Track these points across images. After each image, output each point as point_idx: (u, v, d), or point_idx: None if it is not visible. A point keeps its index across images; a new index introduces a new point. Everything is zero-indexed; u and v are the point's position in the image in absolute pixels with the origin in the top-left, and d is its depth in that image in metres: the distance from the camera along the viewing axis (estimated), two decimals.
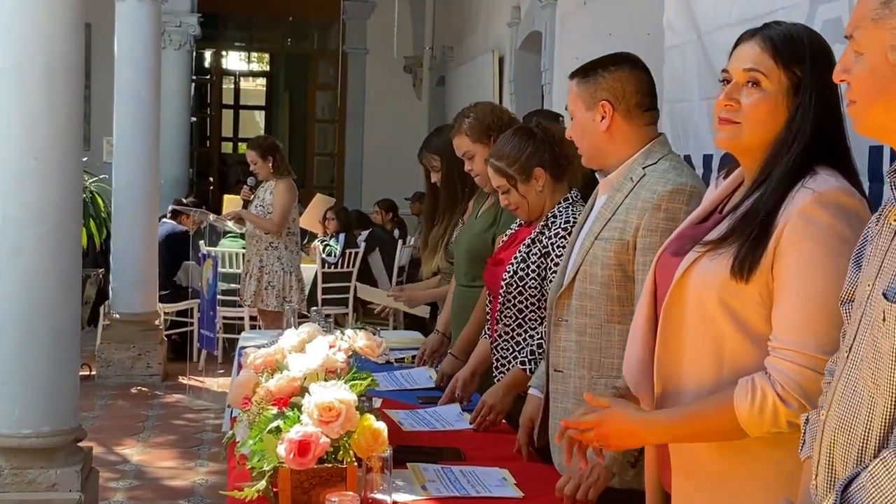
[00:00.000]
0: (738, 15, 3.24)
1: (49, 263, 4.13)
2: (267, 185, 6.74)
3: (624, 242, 2.30)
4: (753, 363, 1.77)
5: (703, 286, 1.82)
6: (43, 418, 4.14)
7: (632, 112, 2.37)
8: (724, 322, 1.80)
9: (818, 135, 1.79)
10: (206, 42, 13.56)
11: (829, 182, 1.76)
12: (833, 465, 1.42)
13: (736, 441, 1.78)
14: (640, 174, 2.33)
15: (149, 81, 7.27)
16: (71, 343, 4.28)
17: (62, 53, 4.12)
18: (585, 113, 2.39)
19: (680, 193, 2.26)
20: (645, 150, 2.37)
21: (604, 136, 2.37)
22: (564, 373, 2.42)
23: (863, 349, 1.39)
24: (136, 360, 7.28)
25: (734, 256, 1.77)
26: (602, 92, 2.36)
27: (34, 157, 4.07)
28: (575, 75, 2.44)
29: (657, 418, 1.85)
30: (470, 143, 3.34)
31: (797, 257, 1.74)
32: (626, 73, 2.38)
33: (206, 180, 14.33)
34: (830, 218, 1.73)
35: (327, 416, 2.03)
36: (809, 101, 1.80)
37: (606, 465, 2.20)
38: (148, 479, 5.19)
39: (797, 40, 1.83)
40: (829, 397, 1.47)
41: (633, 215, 2.30)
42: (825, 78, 1.70)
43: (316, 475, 2.06)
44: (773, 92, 1.82)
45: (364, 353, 2.42)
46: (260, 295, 6.68)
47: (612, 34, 5.63)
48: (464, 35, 10.50)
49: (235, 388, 2.26)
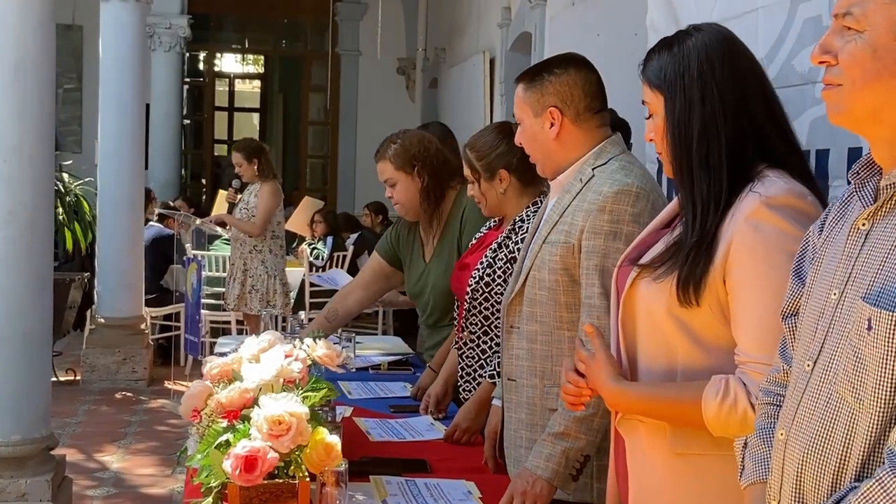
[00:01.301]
0: (720, 14, 3.17)
1: (19, 267, 4.05)
2: (252, 187, 6.69)
3: (569, 246, 2.21)
4: (707, 371, 1.71)
5: (651, 301, 1.76)
6: (12, 426, 4.06)
7: (581, 116, 2.28)
8: (675, 335, 1.74)
9: (745, 129, 1.72)
10: (199, 44, 13.50)
11: (777, 184, 1.68)
12: (802, 489, 1.32)
13: (689, 458, 1.72)
14: (590, 175, 2.25)
15: (134, 84, 7.18)
16: (42, 348, 4.20)
17: (32, 53, 4.04)
18: (534, 120, 2.29)
19: (625, 194, 2.16)
20: (596, 150, 2.29)
21: (554, 143, 2.29)
22: (517, 382, 2.33)
23: (836, 362, 1.29)
24: (121, 365, 7.19)
25: (676, 284, 1.70)
26: (549, 97, 2.27)
27: (3, 159, 3.99)
28: (521, 80, 2.34)
29: (628, 391, 1.77)
30: (392, 171, 3.26)
31: (751, 267, 1.66)
32: (573, 76, 2.28)
33: (200, 183, 14.26)
34: (781, 221, 1.65)
35: (277, 429, 1.94)
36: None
37: (548, 477, 2.12)
38: (125, 486, 5.10)
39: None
40: (787, 416, 1.38)
41: (578, 217, 2.21)
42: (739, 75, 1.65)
43: (266, 491, 1.97)
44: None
45: (323, 362, 2.33)
46: (244, 299, 6.62)
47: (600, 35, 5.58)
48: (456, 36, 10.44)
49: (186, 399, 2.17)
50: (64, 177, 8.06)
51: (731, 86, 1.72)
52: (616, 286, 1.88)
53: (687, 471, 1.74)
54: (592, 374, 1.80)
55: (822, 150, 2.54)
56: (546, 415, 2.23)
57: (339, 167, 13.27)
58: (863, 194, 1.34)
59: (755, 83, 1.76)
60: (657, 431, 1.77)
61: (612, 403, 1.82)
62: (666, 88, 1.75)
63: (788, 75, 2.72)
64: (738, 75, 1.74)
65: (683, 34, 1.79)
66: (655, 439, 1.77)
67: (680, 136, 1.74)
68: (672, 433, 1.75)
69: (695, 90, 1.73)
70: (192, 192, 13.03)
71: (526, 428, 2.32)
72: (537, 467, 2.15)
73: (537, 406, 2.29)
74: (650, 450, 1.79)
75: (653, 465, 1.78)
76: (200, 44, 13.73)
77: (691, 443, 1.73)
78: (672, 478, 1.76)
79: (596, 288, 2.16)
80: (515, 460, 2.35)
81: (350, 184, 13.01)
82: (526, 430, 2.32)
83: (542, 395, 2.27)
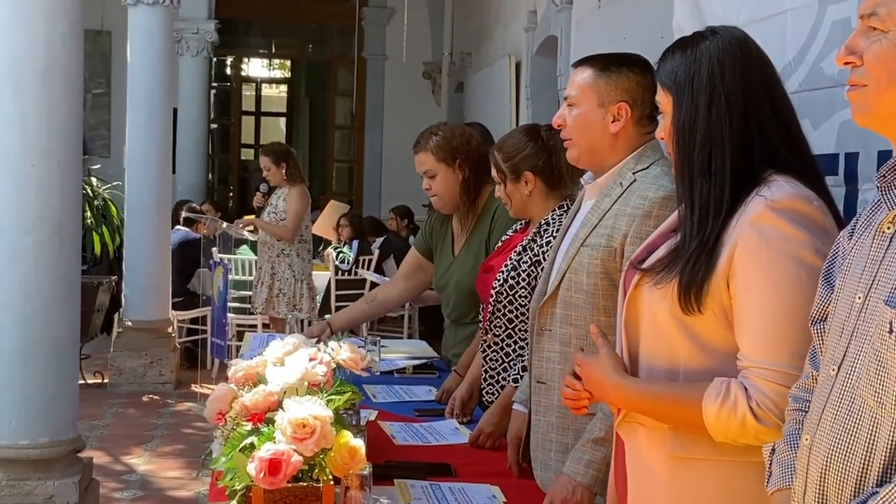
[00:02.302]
0: (747, 16, 3.14)
1: (47, 271, 4.08)
2: (280, 191, 6.70)
3: (611, 250, 2.19)
4: (708, 374, 1.69)
5: (653, 305, 1.75)
6: (40, 428, 4.08)
7: (643, 120, 2.26)
8: (677, 338, 1.73)
9: (751, 136, 1.70)
10: (226, 48, 13.57)
11: (783, 189, 1.66)
12: (826, 494, 1.31)
13: (688, 462, 1.72)
14: (631, 179, 2.22)
15: (162, 88, 7.23)
16: (70, 352, 4.23)
17: (61, 58, 4.07)
18: (596, 108, 2.25)
19: (671, 200, 2.14)
20: (636, 153, 2.26)
21: (608, 138, 2.24)
22: (548, 385, 2.32)
23: (859, 366, 1.28)
24: (148, 368, 7.24)
25: (677, 291, 1.68)
26: (622, 92, 2.24)
27: (32, 163, 4.02)
28: (590, 65, 2.28)
29: (629, 387, 1.76)
30: (434, 162, 3.24)
31: (755, 271, 1.64)
32: (649, 81, 2.25)
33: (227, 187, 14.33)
34: (785, 224, 1.63)
35: (301, 433, 1.94)
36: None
37: (588, 484, 2.11)
38: (152, 489, 5.13)
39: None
40: (812, 422, 1.36)
41: (621, 222, 2.19)
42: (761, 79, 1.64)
43: (290, 494, 1.97)
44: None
45: (347, 365, 2.33)
46: (271, 302, 6.64)
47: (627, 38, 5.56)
48: (482, 40, 10.43)
49: (211, 402, 2.17)
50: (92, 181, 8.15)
51: (740, 92, 1.71)
52: (623, 288, 1.87)
53: (685, 475, 1.73)
54: (593, 374, 1.80)
55: (851, 154, 2.51)
56: (577, 418, 2.21)
57: (364, 171, 13.29)
58: (888, 197, 1.32)
59: (765, 90, 1.74)
60: (656, 434, 1.75)
61: (614, 398, 1.81)
62: (675, 90, 1.75)
63: (817, 78, 2.69)
64: (748, 81, 1.72)
65: (699, 36, 1.78)
66: (655, 442, 1.76)
67: (683, 139, 1.73)
68: (672, 437, 1.73)
69: (702, 95, 1.71)
70: (218, 196, 13.09)
71: (556, 431, 2.32)
72: (577, 473, 2.12)
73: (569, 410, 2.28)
74: (649, 453, 1.77)
75: (651, 469, 1.77)
76: (227, 48, 13.79)
77: (690, 447, 1.71)
78: (670, 481, 1.74)
79: None
80: (543, 463, 2.34)
81: (376, 188, 13.03)
82: (556, 434, 2.32)
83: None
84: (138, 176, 7.21)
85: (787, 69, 2.64)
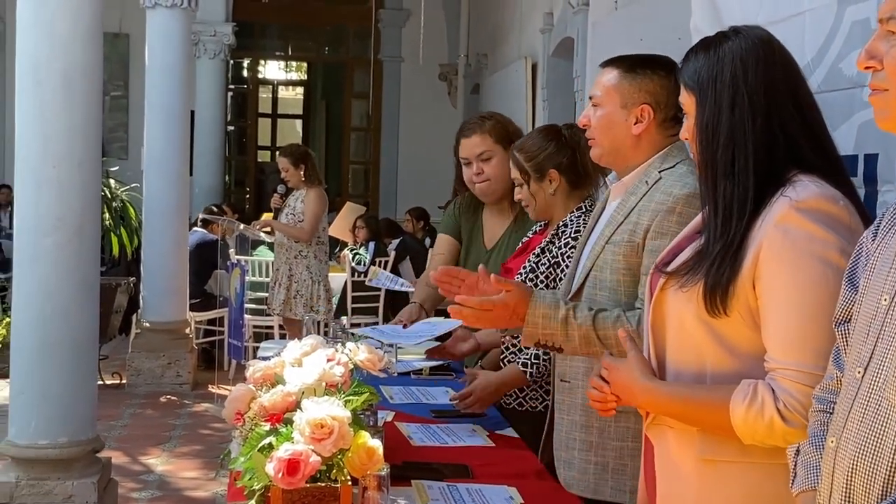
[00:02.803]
0: (766, 17, 3.14)
1: (67, 272, 4.10)
2: (297, 193, 6.71)
3: (633, 245, 2.21)
4: (736, 376, 1.69)
5: (679, 308, 1.75)
6: (60, 429, 4.11)
7: (667, 122, 2.27)
8: (704, 341, 1.73)
9: (774, 137, 1.70)
10: (243, 51, 13.63)
11: (808, 188, 1.66)
12: (852, 496, 1.31)
13: (718, 465, 1.71)
14: (656, 177, 2.24)
15: (180, 91, 7.27)
16: (89, 352, 4.26)
17: (80, 60, 4.10)
18: (619, 109, 2.27)
19: (696, 197, 2.15)
20: (662, 153, 2.27)
21: (631, 139, 2.26)
22: (571, 383, 2.33)
23: (886, 367, 1.27)
24: (165, 369, 7.27)
25: (702, 294, 1.68)
26: (645, 95, 2.25)
27: (52, 165, 4.05)
28: (615, 65, 2.29)
29: (658, 390, 1.76)
30: (492, 143, 3.19)
31: (780, 271, 1.63)
32: (674, 83, 2.23)
33: (243, 189, 14.39)
34: (810, 224, 1.63)
35: (319, 433, 1.94)
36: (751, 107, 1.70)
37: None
38: (170, 489, 5.15)
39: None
40: (838, 423, 1.36)
41: (644, 217, 2.20)
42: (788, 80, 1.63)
43: (308, 494, 1.97)
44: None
45: (364, 366, 2.33)
46: (288, 304, 6.65)
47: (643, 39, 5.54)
48: (498, 42, 10.43)
49: (229, 402, 2.18)
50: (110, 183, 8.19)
51: (763, 92, 1.70)
52: (649, 291, 1.87)
53: (714, 477, 1.72)
54: (621, 377, 1.80)
55: (870, 155, 2.50)
56: (601, 417, 2.22)
57: (381, 173, 13.33)
58: None
59: (789, 90, 1.73)
60: (686, 437, 1.75)
61: (642, 402, 1.81)
62: (698, 91, 1.74)
63: (836, 79, 2.68)
64: (771, 81, 1.71)
65: (722, 36, 1.77)
66: (684, 445, 1.76)
67: (707, 140, 1.72)
68: (700, 439, 1.73)
69: (725, 95, 1.71)
70: (235, 198, 13.15)
71: (579, 430, 2.33)
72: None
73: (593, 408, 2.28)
74: (678, 455, 1.77)
75: (680, 471, 1.77)
76: (244, 51, 13.87)
77: (720, 449, 1.71)
78: (699, 484, 1.74)
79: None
80: (567, 462, 2.35)
81: (392, 189, 13.06)
82: (579, 432, 2.33)
83: None
84: (156, 178, 7.24)
85: (805, 70, 2.61)
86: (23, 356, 4.10)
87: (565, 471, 2.36)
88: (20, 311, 4.11)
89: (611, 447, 2.32)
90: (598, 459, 2.33)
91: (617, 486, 2.32)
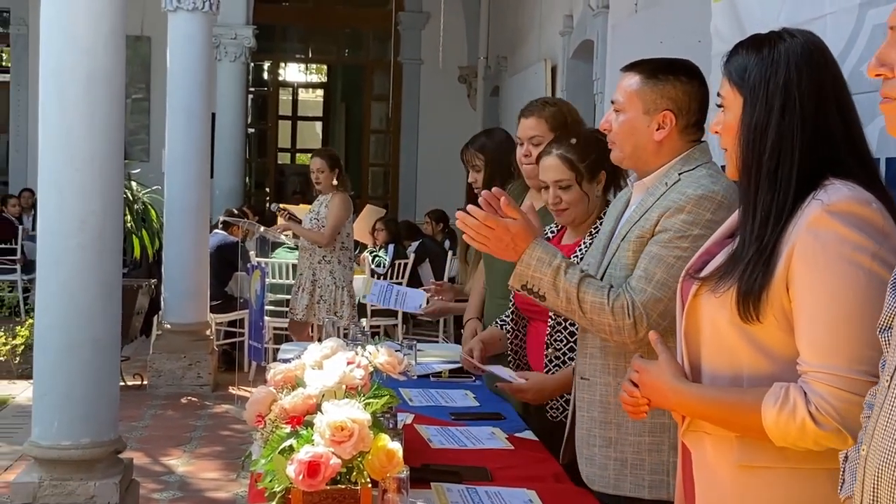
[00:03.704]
0: (786, 20, 3.13)
1: (90, 273, 4.14)
2: (322, 198, 6.70)
3: (642, 241, 2.24)
4: (772, 380, 1.68)
5: (714, 314, 1.74)
6: (83, 430, 4.14)
7: (689, 128, 2.28)
8: (739, 345, 1.72)
9: (819, 145, 1.68)
10: (263, 54, 13.68)
11: (840, 192, 1.65)
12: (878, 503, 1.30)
13: (756, 471, 1.70)
14: (676, 179, 2.25)
15: (201, 93, 7.31)
16: (111, 354, 4.29)
17: (103, 64, 4.13)
18: (641, 115, 2.27)
19: (708, 200, 2.17)
20: (684, 156, 2.28)
21: (653, 145, 2.27)
22: (591, 381, 2.35)
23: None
24: (186, 370, 7.31)
25: (735, 300, 1.68)
26: (667, 101, 2.25)
27: (75, 168, 4.08)
28: (637, 71, 2.29)
29: (689, 392, 1.76)
30: (546, 129, 3.15)
31: (811, 275, 1.63)
32: (696, 88, 2.27)
33: (263, 191, 14.45)
34: (841, 227, 1.62)
35: (339, 436, 1.96)
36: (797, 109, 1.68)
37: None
38: (191, 490, 5.18)
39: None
40: (869, 431, 1.35)
41: (654, 214, 2.23)
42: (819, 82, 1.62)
43: (329, 496, 1.99)
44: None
45: (384, 369, 2.35)
46: (312, 309, 6.65)
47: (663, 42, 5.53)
48: (517, 44, 10.43)
49: (251, 405, 2.20)
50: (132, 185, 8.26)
51: (815, 100, 1.68)
52: (680, 298, 1.87)
53: (753, 484, 1.72)
54: (652, 379, 1.80)
55: (891, 159, 2.50)
56: (620, 412, 2.23)
57: (400, 175, 13.35)
58: None
59: (836, 96, 1.71)
60: (723, 443, 1.74)
61: (674, 403, 1.81)
62: (748, 90, 1.71)
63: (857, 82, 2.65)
64: (821, 88, 1.70)
65: (776, 37, 1.74)
66: (722, 451, 1.75)
67: (754, 143, 1.70)
68: (738, 445, 1.72)
69: (777, 99, 1.68)
70: (255, 200, 13.21)
71: (599, 426, 2.35)
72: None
73: (611, 404, 2.30)
74: (716, 462, 1.76)
75: (719, 478, 1.76)
76: (265, 54, 13.92)
77: (757, 455, 1.70)
78: (738, 491, 1.73)
79: (638, 271, 2.20)
80: (588, 459, 2.36)
81: (411, 191, 13.07)
82: (599, 429, 2.35)
83: (615, 392, 2.26)
84: (177, 180, 7.29)
85: None
86: (46, 357, 4.14)
87: (587, 467, 2.38)
88: (43, 312, 4.15)
89: (628, 442, 2.33)
90: (616, 455, 2.35)
91: (636, 480, 2.33)
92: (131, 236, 7.85)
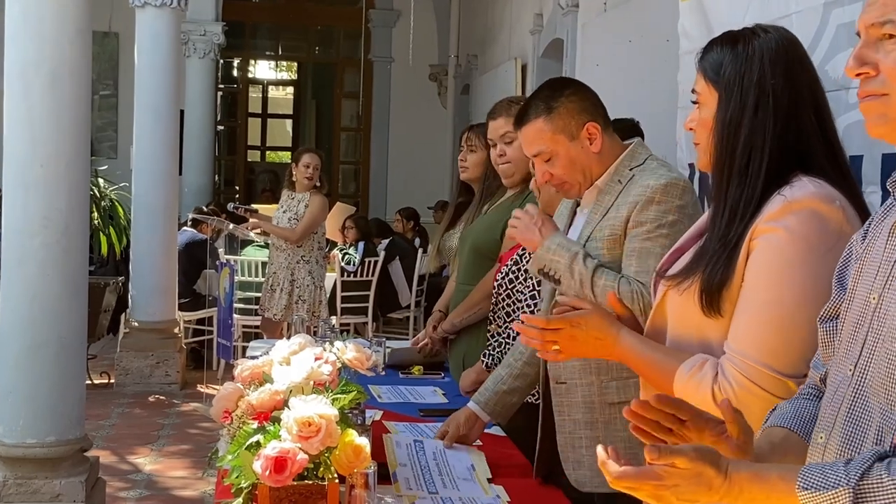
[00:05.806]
0: (753, 19, 3.15)
1: (55, 272, 4.10)
2: (300, 196, 6.67)
3: (616, 238, 2.26)
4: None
5: (677, 308, 1.77)
6: (48, 428, 4.10)
7: (608, 124, 2.34)
8: (701, 340, 1.75)
9: (791, 140, 1.70)
10: (233, 51, 13.61)
11: (805, 188, 1.66)
12: None
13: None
14: (629, 175, 2.29)
15: (169, 90, 7.26)
16: (77, 352, 4.25)
17: (68, 60, 4.09)
18: (571, 144, 2.30)
19: (673, 187, 2.22)
20: (628, 152, 2.33)
21: (595, 157, 2.31)
22: (568, 383, 2.34)
23: (872, 367, 1.28)
24: (154, 369, 7.26)
25: (698, 293, 1.70)
26: (580, 115, 2.30)
27: (40, 164, 4.04)
28: (534, 115, 2.31)
29: (626, 341, 1.86)
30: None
31: (758, 266, 1.66)
32: (584, 91, 2.34)
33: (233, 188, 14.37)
34: (797, 224, 1.63)
35: (306, 431, 1.95)
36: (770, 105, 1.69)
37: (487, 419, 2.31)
38: (158, 488, 5.15)
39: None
40: (828, 420, 1.36)
41: (622, 210, 2.25)
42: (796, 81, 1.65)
43: (295, 492, 1.98)
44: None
45: (353, 365, 2.34)
46: (290, 308, 6.61)
47: (632, 41, 5.57)
48: (488, 43, 10.45)
49: (217, 400, 2.19)
50: (99, 182, 8.16)
51: (788, 96, 1.69)
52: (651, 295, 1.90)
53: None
54: (598, 316, 1.87)
55: (855, 157, 2.52)
56: (605, 410, 2.25)
57: (371, 173, 13.32)
58: None
59: (810, 93, 1.72)
60: None
61: (609, 350, 1.88)
62: (722, 87, 1.72)
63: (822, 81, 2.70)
64: (795, 84, 1.71)
65: (750, 33, 1.75)
66: None
67: (727, 138, 1.71)
68: None
69: (750, 96, 1.69)
70: (225, 197, 13.13)
71: (584, 428, 2.34)
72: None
73: (595, 403, 2.30)
74: None
75: None
76: (234, 51, 13.84)
77: None
78: None
79: (633, 267, 2.21)
80: (575, 462, 2.35)
81: (382, 190, 13.05)
82: (584, 430, 2.34)
83: (599, 390, 2.29)
84: (145, 177, 7.22)
85: None
86: (11, 356, 4.09)
87: (574, 470, 2.35)
88: (8, 311, 4.10)
89: (619, 438, 2.29)
90: None
91: None
92: (98, 234, 7.76)
